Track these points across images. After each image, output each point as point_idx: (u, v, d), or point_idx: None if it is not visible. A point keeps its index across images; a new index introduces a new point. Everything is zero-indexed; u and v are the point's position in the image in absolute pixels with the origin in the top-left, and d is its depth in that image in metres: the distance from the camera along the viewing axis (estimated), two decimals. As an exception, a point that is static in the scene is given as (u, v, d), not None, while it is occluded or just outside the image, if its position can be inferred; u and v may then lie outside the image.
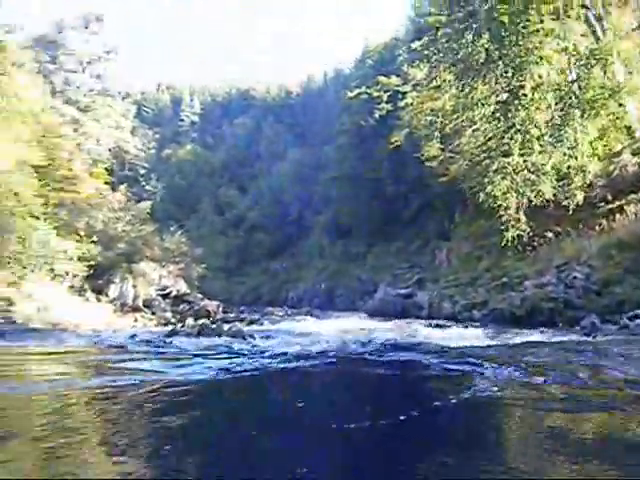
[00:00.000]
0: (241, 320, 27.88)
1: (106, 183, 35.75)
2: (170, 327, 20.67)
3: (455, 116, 30.26)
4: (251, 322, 26.63)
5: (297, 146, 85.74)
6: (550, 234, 24.56)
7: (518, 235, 23.07)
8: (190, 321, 23.93)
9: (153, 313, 27.58)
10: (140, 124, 64.98)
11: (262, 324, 25.85)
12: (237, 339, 15.59)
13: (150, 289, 30.26)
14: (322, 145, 70.99)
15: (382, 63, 54.69)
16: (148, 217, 38.37)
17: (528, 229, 22.94)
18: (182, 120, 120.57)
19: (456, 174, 31.36)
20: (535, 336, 14.06)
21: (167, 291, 31.52)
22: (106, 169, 40.17)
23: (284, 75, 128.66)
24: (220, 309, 32.55)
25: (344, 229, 55.94)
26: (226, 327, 18.93)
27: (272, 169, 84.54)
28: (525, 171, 22.56)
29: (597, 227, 22.10)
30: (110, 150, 45.33)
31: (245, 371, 8.01)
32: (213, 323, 21.98)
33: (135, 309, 27.29)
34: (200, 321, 23.37)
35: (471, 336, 15.05)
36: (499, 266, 25.88)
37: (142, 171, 64.17)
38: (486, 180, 23.52)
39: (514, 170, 22.49)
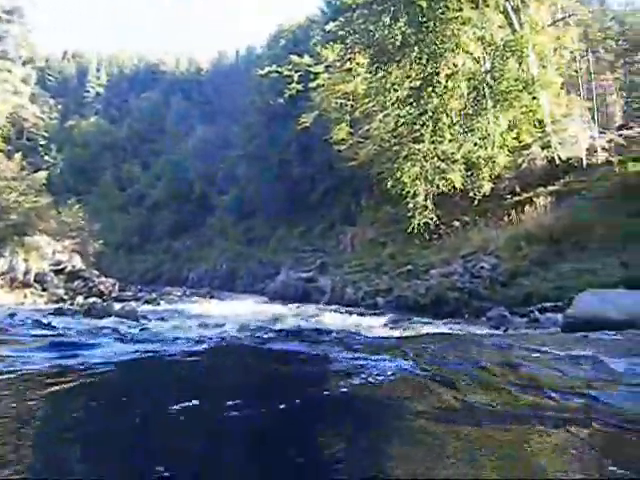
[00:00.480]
0: (137, 299, 27.08)
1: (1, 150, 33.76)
2: (59, 305, 19.52)
3: (366, 100, 29.94)
4: (147, 302, 25.86)
5: (205, 124, 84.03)
6: (457, 223, 24.46)
7: (425, 223, 22.82)
8: (80, 299, 22.70)
9: (44, 290, 26.17)
10: (41, 92, 61.86)
11: (158, 304, 25.17)
12: (129, 320, 14.80)
13: (43, 264, 28.73)
14: (230, 123, 69.48)
15: (295, 43, 53.77)
16: (44, 188, 36.39)
17: (435, 217, 22.70)
18: (87, 91, 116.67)
19: (365, 159, 31.01)
20: (441, 327, 13.75)
21: (61, 266, 29.96)
22: (1, 136, 38.05)
23: (196, 51, 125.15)
24: (116, 287, 31.53)
25: (248, 210, 54.94)
26: (118, 307, 18.03)
27: (177, 146, 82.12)
28: (435, 159, 22.28)
29: (505, 218, 22.09)
30: (7, 117, 42.97)
31: (132, 359, 7.19)
32: (105, 302, 21.01)
33: (26, 285, 25.81)
34: (92, 299, 22.20)
35: (373, 324, 14.67)
36: (404, 253, 25.67)
37: (42, 141, 61.71)
38: (395, 166, 23.16)
39: (424, 157, 22.18)
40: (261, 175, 50.91)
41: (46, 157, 60.77)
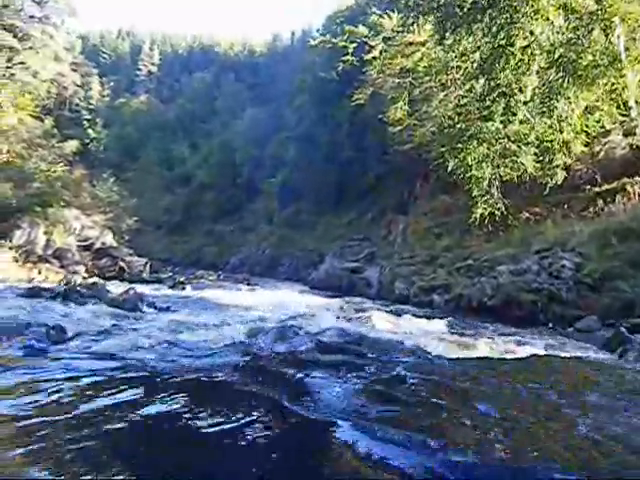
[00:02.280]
0: (161, 282, 25.17)
1: (34, 116, 31.70)
2: (64, 282, 17.37)
3: (427, 78, 27.23)
4: (172, 286, 23.68)
5: (256, 106, 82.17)
6: (525, 215, 21.54)
7: (489, 213, 20.08)
8: (78, 279, 20.35)
9: (63, 266, 24.09)
10: (85, 62, 60.11)
11: (183, 289, 23.03)
12: (121, 310, 12.55)
13: (69, 239, 26.81)
14: (282, 106, 67.38)
15: (353, 20, 50.94)
16: (75, 160, 34.39)
17: (501, 207, 19.95)
18: (139, 69, 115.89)
19: (422, 141, 28.22)
20: (527, 340, 11.07)
21: (88, 242, 27.93)
22: (36, 102, 36.11)
23: (250, 34, 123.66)
24: (147, 267, 29.42)
25: (295, 195, 52.34)
26: (120, 290, 15.77)
27: (227, 128, 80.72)
28: (505, 139, 19.50)
29: (586, 210, 19.17)
30: (46, 82, 41.16)
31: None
32: (122, 281, 18.85)
33: (43, 260, 23.76)
34: (92, 280, 20.02)
35: (434, 329, 12.13)
36: (463, 246, 22.94)
37: (87, 114, 60.17)
38: (459, 146, 20.38)
39: (493, 137, 19.38)
40: (310, 158, 48.39)
41: (89, 131, 58.81)
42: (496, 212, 20.03)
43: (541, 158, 19.55)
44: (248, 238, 57.20)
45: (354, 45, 40.17)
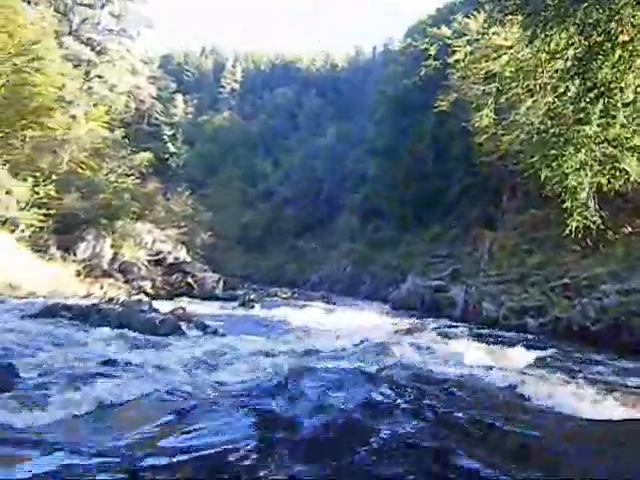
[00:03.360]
0: (234, 299, 24.05)
1: (105, 127, 31.05)
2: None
3: (514, 84, 25.27)
4: (243, 303, 22.54)
5: (338, 121, 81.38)
6: (628, 229, 19.36)
7: (585, 226, 18.10)
8: (123, 296, 19.12)
9: (127, 281, 23.14)
10: (164, 75, 60.04)
11: (252, 307, 21.80)
12: (153, 335, 11.16)
13: (139, 253, 26.02)
14: (364, 121, 66.35)
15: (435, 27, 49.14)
16: (150, 172, 33.72)
17: (598, 219, 17.95)
18: (222, 87, 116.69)
19: (509, 150, 26.27)
20: None
21: (160, 257, 27.04)
22: (113, 115, 35.65)
23: (332, 50, 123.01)
24: (221, 283, 28.39)
25: (377, 210, 51.14)
26: (167, 309, 14.54)
27: (309, 143, 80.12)
28: (605, 144, 17.52)
29: None
30: (122, 94, 40.90)
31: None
32: (169, 298, 17.69)
33: (107, 274, 22.85)
34: (138, 296, 18.90)
35: (538, 368, 10.37)
36: (556, 263, 20.85)
37: (166, 129, 60.16)
38: (553, 153, 18.44)
39: (592, 141, 17.42)
40: (392, 172, 46.79)
41: (169, 145, 58.62)
42: (592, 225, 18.11)
43: (644, 166, 17.59)
44: (329, 255, 56.22)
45: (436, 47, 38.20)
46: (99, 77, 37.49)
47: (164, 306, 15.84)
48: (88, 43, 38.17)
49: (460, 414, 5.68)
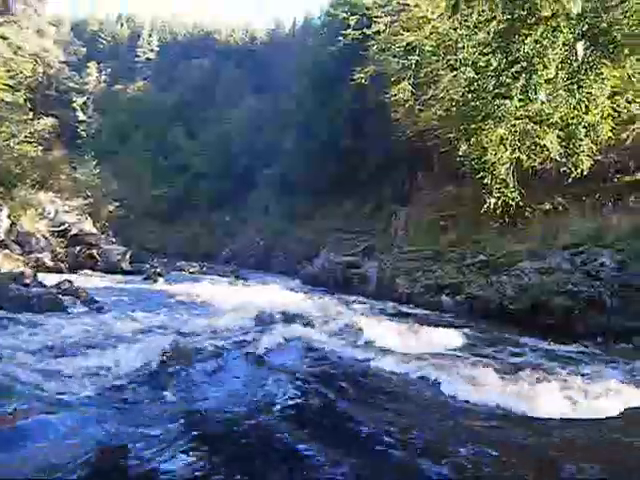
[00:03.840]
0: (139, 272, 23.08)
1: (7, 91, 29.06)
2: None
3: (434, 58, 24.78)
4: (147, 277, 21.62)
5: (255, 95, 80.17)
6: (546, 206, 19.02)
7: (504, 203, 17.74)
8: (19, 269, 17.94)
9: (24, 253, 21.76)
10: (74, 40, 57.52)
11: (155, 281, 20.99)
12: (26, 312, 10.19)
13: (40, 223, 24.50)
14: (282, 95, 65.16)
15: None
16: (54, 139, 31.96)
17: (517, 196, 17.60)
18: (138, 56, 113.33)
19: (427, 124, 25.87)
20: (597, 366, 8.82)
21: (63, 228, 25.63)
22: (18, 79, 33.61)
23: (252, 21, 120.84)
24: (127, 256, 27.18)
25: (292, 186, 50.33)
26: (56, 280, 13.54)
27: (225, 116, 78.40)
28: (526, 120, 17.11)
29: (622, 202, 16.70)
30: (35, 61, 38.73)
31: None
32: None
33: (2, 245, 21.40)
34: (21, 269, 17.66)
35: (455, 345, 9.90)
36: (472, 240, 20.49)
37: (78, 98, 57.87)
38: (472, 127, 17.99)
39: (512, 116, 16.99)
40: (308, 147, 45.98)
41: (79, 114, 56.44)
42: (512, 202, 17.74)
43: (565, 143, 17.24)
44: (244, 229, 55.69)
45: (356, 18, 37.13)
46: (3, 38, 35.30)
47: (54, 280, 14.82)
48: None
49: (352, 409, 5.08)
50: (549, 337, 11.00)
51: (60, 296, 12.01)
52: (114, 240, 30.59)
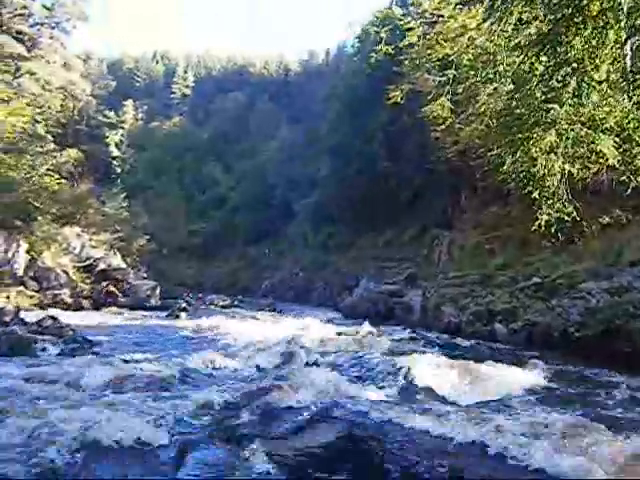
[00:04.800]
0: (165, 308, 21.90)
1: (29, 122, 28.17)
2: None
3: (472, 73, 23.28)
4: (170, 313, 20.36)
5: (290, 125, 79.40)
6: (605, 219, 17.20)
7: (557, 220, 16.04)
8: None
9: (41, 289, 20.59)
10: (100, 72, 57.27)
11: (177, 317, 19.67)
12: None
13: (64, 259, 23.48)
14: (317, 125, 64.07)
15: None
16: (83, 173, 31.06)
17: (572, 210, 15.89)
18: (174, 92, 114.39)
19: (469, 141, 24.30)
20: None
21: (87, 263, 24.54)
22: (47, 115, 32.90)
23: (285, 53, 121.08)
24: (157, 291, 26.13)
25: (329, 215, 49.08)
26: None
27: (261, 148, 78.04)
28: (578, 125, 15.44)
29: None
30: (64, 96, 38.14)
31: None
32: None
33: (18, 282, 20.25)
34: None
35: (531, 392, 8.23)
36: (523, 262, 18.82)
37: (112, 133, 57.46)
38: (519, 137, 16.37)
39: (565, 121, 15.32)
40: (344, 174, 44.60)
41: (112, 149, 56.00)
42: (566, 218, 16.05)
43: (622, 149, 15.56)
44: (281, 262, 54.66)
45: (388, 29, 35.45)
46: (30, 73, 34.71)
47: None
48: (17, 37, 35.47)
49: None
50: (628, 369, 9.29)
51: (36, 336, 10.67)
52: (145, 275, 29.65)
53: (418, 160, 33.40)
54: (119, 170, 60.59)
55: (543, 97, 16.15)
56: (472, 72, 23.29)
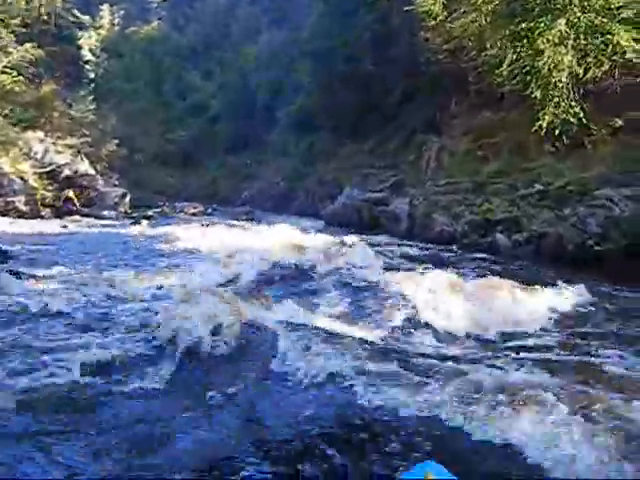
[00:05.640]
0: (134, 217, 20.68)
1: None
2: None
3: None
4: (135, 221, 19.11)
5: (273, 29, 76.41)
6: (617, 122, 15.48)
7: (563, 120, 14.54)
8: None
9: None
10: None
11: (138, 223, 18.57)
12: None
13: (24, 165, 21.79)
14: (302, 27, 61.39)
15: None
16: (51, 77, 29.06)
17: (579, 111, 14.39)
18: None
19: (463, 36, 22.50)
20: None
21: (50, 169, 22.92)
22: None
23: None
24: (127, 199, 24.72)
25: (313, 123, 46.89)
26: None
27: (242, 54, 74.89)
28: (592, 13, 13.77)
29: None
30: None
31: None
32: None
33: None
34: None
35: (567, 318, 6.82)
36: (520, 169, 17.36)
37: (85, 36, 54.89)
38: (522, 27, 14.74)
39: (576, 7, 13.68)
40: (327, 79, 42.57)
41: (84, 52, 53.53)
42: (571, 119, 14.54)
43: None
44: (263, 171, 53.11)
45: None
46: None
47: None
48: None
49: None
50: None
51: None
52: (117, 183, 27.95)
53: (406, 63, 31.57)
54: (92, 75, 58.19)
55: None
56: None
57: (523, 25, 14.57)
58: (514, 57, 15.32)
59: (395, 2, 29.91)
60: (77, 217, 21.75)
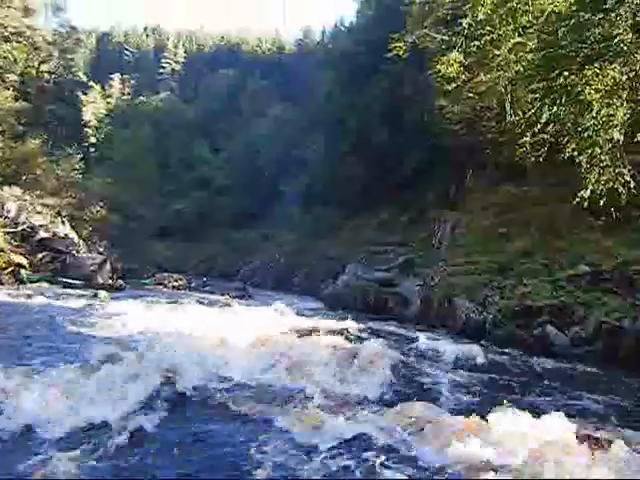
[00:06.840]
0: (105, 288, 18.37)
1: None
2: None
3: (487, 29, 19.09)
4: (95, 295, 16.74)
5: (282, 104, 75.93)
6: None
7: (610, 190, 11.96)
8: None
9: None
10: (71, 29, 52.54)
11: (96, 296, 16.12)
12: None
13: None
14: (310, 103, 60.94)
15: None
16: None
17: (629, 178, 11.81)
18: (163, 67, 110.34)
19: (482, 100, 20.43)
20: None
21: (20, 228, 20.78)
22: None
23: (281, 30, 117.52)
24: (107, 268, 22.45)
25: (319, 197, 45.71)
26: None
27: (250, 127, 74.59)
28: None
29: None
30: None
31: None
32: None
33: None
34: None
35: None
36: (555, 247, 14.77)
37: (96, 105, 54.12)
38: (563, 78, 12.26)
39: (631, 53, 11.24)
40: (335, 150, 41.20)
41: (82, 113, 52.52)
42: (620, 189, 11.95)
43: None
44: (266, 246, 50.72)
45: None
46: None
47: None
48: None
49: None
50: None
51: None
52: (101, 250, 25.76)
53: (419, 134, 29.80)
54: (93, 139, 57.18)
55: (597, 32, 12.06)
56: (488, 28, 19.28)
57: (564, 74, 12.10)
58: (550, 116, 12.83)
59: (408, 69, 28.11)
60: (44, 284, 19.42)
